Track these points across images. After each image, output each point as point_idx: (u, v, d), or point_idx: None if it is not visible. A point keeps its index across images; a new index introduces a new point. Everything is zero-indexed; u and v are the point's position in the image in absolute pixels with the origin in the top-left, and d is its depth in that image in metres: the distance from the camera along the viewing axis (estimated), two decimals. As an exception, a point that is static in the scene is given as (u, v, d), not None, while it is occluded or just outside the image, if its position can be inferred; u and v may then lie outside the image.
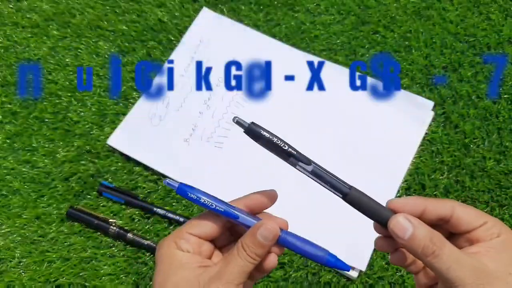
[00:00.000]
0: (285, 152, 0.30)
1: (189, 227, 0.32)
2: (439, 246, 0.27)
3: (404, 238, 0.28)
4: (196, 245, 0.32)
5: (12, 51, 0.63)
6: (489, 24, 0.62)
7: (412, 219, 0.28)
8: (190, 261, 0.31)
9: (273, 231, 0.31)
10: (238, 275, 0.30)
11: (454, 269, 0.27)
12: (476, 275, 0.27)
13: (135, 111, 0.59)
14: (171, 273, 0.30)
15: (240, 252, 0.30)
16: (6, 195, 0.55)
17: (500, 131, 0.56)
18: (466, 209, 0.30)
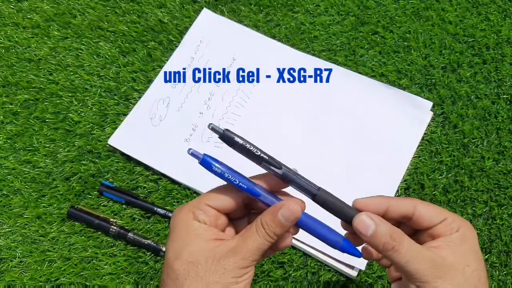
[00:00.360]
0: (257, 157, 0.32)
1: (207, 198, 0.32)
2: (398, 242, 0.29)
3: (366, 235, 0.30)
4: (213, 217, 0.32)
5: (13, 52, 0.63)
6: (488, 24, 0.62)
7: (374, 217, 0.30)
8: (206, 232, 0.31)
9: (295, 213, 0.31)
10: (254, 252, 0.30)
11: (412, 262, 0.29)
12: (434, 267, 0.29)
13: (136, 111, 0.59)
14: (188, 242, 0.31)
15: (259, 229, 0.31)
16: (7, 195, 0.55)
17: (499, 131, 0.56)
18: (427, 207, 0.31)
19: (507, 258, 0.50)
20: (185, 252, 0.30)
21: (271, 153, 0.34)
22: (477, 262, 0.30)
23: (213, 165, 0.32)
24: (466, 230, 0.31)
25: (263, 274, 0.51)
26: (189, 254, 0.30)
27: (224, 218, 0.33)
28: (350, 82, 0.59)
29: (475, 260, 0.30)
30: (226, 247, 0.30)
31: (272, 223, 0.31)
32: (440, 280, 0.29)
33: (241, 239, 0.31)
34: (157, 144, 0.57)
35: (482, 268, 0.31)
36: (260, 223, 0.31)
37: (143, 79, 0.61)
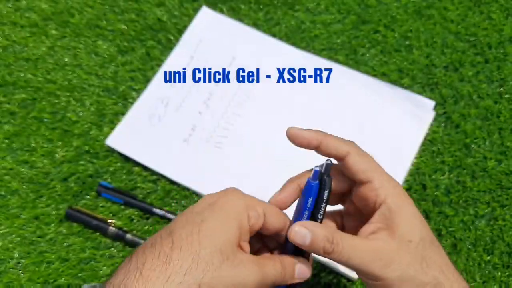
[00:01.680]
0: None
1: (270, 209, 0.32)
2: (336, 243, 0.29)
3: (305, 245, 0.30)
4: (256, 225, 0.31)
5: (11, 51, 0.63)
6: (490, 23, 0.61)
7: (308, 224, 0.30)
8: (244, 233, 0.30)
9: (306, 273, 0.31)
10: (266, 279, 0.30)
11: (354, 258, 0.28)
12: (378, 259, 0.28)
13: (134, 111, 0.58)
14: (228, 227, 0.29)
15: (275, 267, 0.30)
16: (5, 196, 0.55)
17: (501, 131, 0.56)
18: (359, 159, 0.31)
19: (510, 259, 0.50)
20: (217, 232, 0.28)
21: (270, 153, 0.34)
22: (418, 231, 0.29)
23: None
24: (397, 199, 0.30)
25: (263, 276, 0.50)
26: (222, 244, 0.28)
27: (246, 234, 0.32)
28: (351, 81, 0.58)
29: (415, 230, 0.29)
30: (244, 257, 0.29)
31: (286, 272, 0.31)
32: (388, 269, 0.28)
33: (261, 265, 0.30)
34: (155, 144, 0.56)
35: (426, 234, 0.29)
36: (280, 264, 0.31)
37: (142, 79, 0.60)
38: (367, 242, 0.29)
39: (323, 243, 0.29)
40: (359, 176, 0.30)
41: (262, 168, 0.54)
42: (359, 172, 0.30)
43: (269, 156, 0.55)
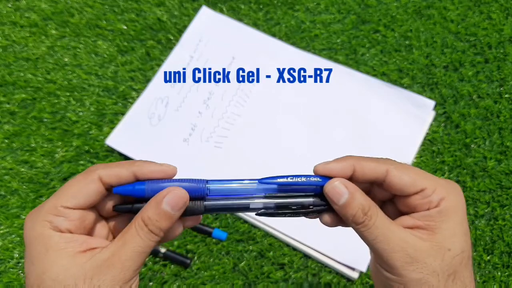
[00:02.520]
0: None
1: (64, 198, 0.26)
2: (369, 216, 0.26)
3: (338, 204, 0.27)
4: (78, 220, 0.26)
5: (11, 51, 0.62)
6: (490, 23, 0.61)
7: (350, 185, 0.27)
8: (71, 244, 0.25)
9: (182, 197, 0.26)
10: (137, 258, 0.25)
11: (381, 240, 0.26)
12: (405, 253, 0.25)
13: (134, 110, 0.58)
14: (49, 263, 0.24)
15: (141, 229, 0.25)
16: (5, 196, 0.55)
17: (501, 131, 0.56)
18: (401, 172, 0.27)
19: (509, 259, 0.50)
20: (47, 280, 0.24)
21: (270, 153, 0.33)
22: (461, 243, 0.26)
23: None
24: (450, 204, 0.26)
25: (263, 276, 0.50)
26: (54, 281, 0.24)
27: (91, 214, 0.27)
28: (351, 81, 0.58)
29: (459, 240, 0.26)
30: (98, 260, 0.24)
31: (157, 216, 0.25)
32: (411, 267, 0.25)
33: (118, 245, 0.25)
34: (155, 144, 0.56)
35: (467, 248, 0.26)
36: (142, 220, 0.25)
37: (142, 78, 0.60)
38: (401, 231, 0.26)
39: (356, 210, 0.26)
40: (407, 191, 0.27)
41: (262, 168, 0.54)
42: (405, 187, 0.27)
43: (269, 156, 0.55)
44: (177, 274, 0.50)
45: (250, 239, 0.52)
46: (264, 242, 0.52)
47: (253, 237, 0.52)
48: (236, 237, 0.52)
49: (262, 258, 0.51)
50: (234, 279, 0.50)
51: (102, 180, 0.26)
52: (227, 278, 0.50)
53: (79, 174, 0.27)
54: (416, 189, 0.27)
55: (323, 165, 0.28)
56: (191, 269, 0.51)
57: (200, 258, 0.51)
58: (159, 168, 0.27)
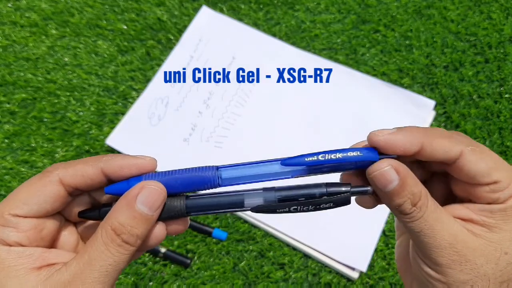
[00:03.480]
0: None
1: (13, 204, 0.21)
2: (418, 208, 0.22)
3: (384, 190, 0.22)
4: (32, 230, 0.21)
5: (11, 51, 0.62)
6: (490, 23, 0.61)
7: (401, 169, 0.22)
8: (21, 261, 0.20)
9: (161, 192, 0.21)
10: (107, 278, 0.20)
11: (425, 235, 0.22)
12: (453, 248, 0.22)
13: (134, 110, 0.58)
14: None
15: (110, 240, 0.20)
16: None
17: (501, 131, 0.55)
18: (477, 159, 0.22)
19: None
20: None
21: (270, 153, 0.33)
22: None
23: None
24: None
25: (263, 276, 0.50)
26: None
27: (52, 222, 0.22)
28: (351, 81, 0.58)
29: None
30: (57, 283, 0.19)
31: (131, 221, 0.20)
32: (459, 266, 0.21)
33: (81, 263, 0.20)
34: (155, 143, 0.56)
35: None
36: (111, 228, 0.20)
37: (142, 78, 0.60)
38: (452, 224, 0.22)
39: (405, 199, 0.22)
40: (478, 180, 0.22)
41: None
42: (478, 176, 0.22)
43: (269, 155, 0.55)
44: (177, 274, 0.50)
45: (250, 239, 0.52)
46: (264, 242, 0.52)
47: (253, 237, 0.52)
48: (236, 237, 0.52)
49: (262, 258, 0.51)
50: (234, 279, 0.50)
51: (63, 182, 0.22)
52: (227, 278, 0.50)
53: (34, 176, 0.22)
54: (489, 180, 0.22)
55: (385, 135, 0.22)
56: (191, 269, 0.51)
57: (200, 258, 0.51)
58: (132, 162, 0.23)
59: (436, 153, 0.22)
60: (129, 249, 0.20)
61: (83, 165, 0.22)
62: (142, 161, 0.23)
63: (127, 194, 0.21)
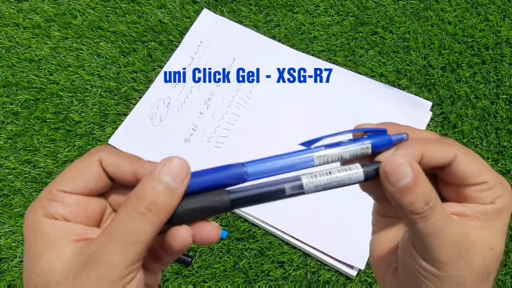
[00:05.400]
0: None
1: (61, 181, 0.21)
2: (431, 208, 0.22)
3: (395, 186, 0.22)
4: (77, 206, 0.21)
5: (14, 52, 0.63)
6: (487, 25, 0.62)
7: (415, 166, 0.22)
8: (61, 234, 0.20)
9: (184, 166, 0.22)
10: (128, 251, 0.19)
11: (436, 236, 0.22)
12: (454, 247, 0.22)
13: (136, 111, 0.59)
14: (35, 256, 0.20)
15: (133, 210, 0.20)
16: (8, 195, 0.55)
17: (498, 131, 0.56)
18: (469, 160, 0.23)
19: (506, 257, 0.50)
20: (33, 273, 0.20)
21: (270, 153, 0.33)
22: (502, 244, 0.24)
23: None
24: (505, 203, 0.23)
25: (263, 274, 0.51)
26: (37, 276, 0.20)
27: (98, 202, 0.22)
28: (349, 82, 0.59)
29: (502, 241, 0.24)
30: (84, 254, 0.20)
31: (155, 191, 0.20)
32: (459, 263, 0.22)
33: (104, 236, 0.20)
34: (157, 143, 0.57)
35: (502, 249, 0.24)
36: (134, 198, 0.20)
37: (144, 79, 0.61)
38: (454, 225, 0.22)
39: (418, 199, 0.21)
40: (470, 180, 0.23)
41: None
42: (470, 177, 0.23)
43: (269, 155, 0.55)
44: (178, 272, 0.51)
45: (250, 238, 0.53)
46: (264, 240, 0.52)
47: (253, 235, 0.53)
48: (236, 235, 0.53)
49: (262, 256, 0.52)
50: (234, 277, 0.51)
51: (102, 165, 0.22)
52: (228, 276, 0.51)
53: (84, 155, 0.23)
54: (480, 180, 0.23)
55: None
56: (192, 268, 0.51)
57: (201, 257, 0.52)
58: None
59: (434, 159, 0.23)
60: (151, 219, 0.20)
61: (122, 159, 0.23)
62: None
63: (153, 168, 0.21)
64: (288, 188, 0.22)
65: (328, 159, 0.23)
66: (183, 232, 0.21)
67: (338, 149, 0.23)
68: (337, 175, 0.22)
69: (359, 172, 0.22)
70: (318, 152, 0.23)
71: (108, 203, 0.23)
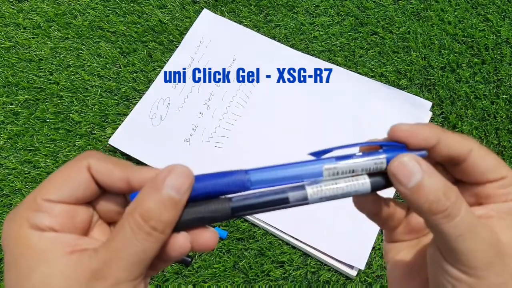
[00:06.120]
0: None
1: (46, 189, 0.20)
2: (454, 203, 0.20)
3: (407, 186, 0.20)
4: (64, 216, 0.20)
5: (14, 52, 0.63)
6: (487, 25, 0.62)
7: (423, 163, 0.21)
8: (53, 246, 0.20)
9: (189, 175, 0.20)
10: (135, 268, 0.19)
11: (466, 239, 0.20)
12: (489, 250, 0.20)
13: (136, 111, 0.59)
14: (25, 271, 0.19)
15: (138, 228, 0.19)
16: (8, 195, 0.55)
17: (498, 131, 0.56)
18: (485, 154, 0.22)
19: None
20: (25, 286, 0.19)
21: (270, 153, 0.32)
22: None
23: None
24: None
25: (263, 274, 0.51)
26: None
27: (86, 211, 0.21)
28: (349, 82, 0.59)
29: None
30: (87, 269, 0.19)
31: (160, 206, 0.19)
32: (497, 267, 0.20)
33: (109, 252, 0.19)
34: (157, 143, 0.57)
35: None
36: (139, 215, 0.19)
37: (144, 79, 0.61)
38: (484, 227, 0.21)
39: (435, 194, 0.20)
40: (488, 176, 0.22)
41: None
42: (488, 171, 0.22)
43: (269, 156, 0.55)
44: (178, 272, 0.51)
45: (250, 238, 0.53)
46: (264, 240, 0.52)
47: (253, 235, 0.53)
48: (236, 235, 0.53)
49: (262, 256, 0.52)
50: (234, 277, 0.51)
51: (91, 171, 0.21)
52: (228, 276, 0.51)
53: (69, 161, 0.21)
54: (499, 175, 0.22)
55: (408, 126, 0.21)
56: (192, 268, 0.51)
57: (201, 257, 0.52)
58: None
59: (451, 147, 0.22)
60: (158, 237, 0.19)
61: (113, 166, 0.21)
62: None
63: (155, 178, 0.20)
64: (292, 198, 0.21)
65: (338, 171, 0.21)
66: (181, 240, 0.20)
67: (349, 161, 0.21)
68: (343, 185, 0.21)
69: (366, 183, 0.21)
70: (328, 165, 0.21)
71: (95, 210, 0.22)
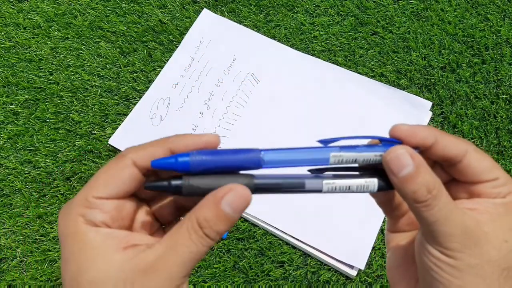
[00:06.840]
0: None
1: (96, 187, 0.23)
2: (434, 196, 0.23)
3: (398, 175, 0.23)
4: (114, 211, 0.23)
5: (14, 52, 0.63)
6: (487, 25, 0.62)
7: (416, 156, 0.23)
8: (109, 242, 0.22)
9: (246, 198, 0.22)
10: (186, 265, 0.22)
11: (441, 224, 0.23)
12: (465, 234, 0.23)
13: (136, 111, 0.59)
14: (84, 264, 0.21)
15: (194, 231, 0.22)
16: (8, 195, 0.55)
17: (498, 131, 0.56)
18: (480, 157, 0.24)
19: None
20: (83, 280, 0.21)
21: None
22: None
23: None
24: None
25: (263, 274, 0.51)
26: (90, 283, 0.21)
27: (129, 204, 0.24)
28: (349, 82, 0.59)
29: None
30: (142, 262, 0.21)
31: (215, 218, 0.22)
32: (469, 251, 0.23)
33: (165, 248, 0.22)
34: (157, 144, 0.57)
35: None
36: (197, 221, 0.22)
37: (144, 79, 0.61)
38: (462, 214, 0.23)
39: (420, 186, 0.22)
40: (482, 177, 0.24)
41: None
42: (482, 173, 0.24)
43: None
44: (178, 272, 0.51)
45: (251, 238, 0.53)
46: (264, 240, 0.52)
47: (253, 235, 0.53)
48: (236, 235, 0.53)
49: (262, 256, 0.52)
50: (234, 277, 0.51)
51: (136, 164, 0.23)
52: (228, 276, 0.51)
53: (110, 160, 0.23)
54: (492, 176, 0.24)
55: (408, 126, 0.24)
56: (192, 267, 0.51)
57: (201, 256, 0.52)
58: (197, 140, 0.25)
59: (447, 148, 0.24)
60: (208, 243, 0.22)
61: (152, 148, 0.24)
62: (207, 138, 0.25)
63: (216, 193, 0.22)
64: (308, 184, 0.23)
65: (343, 159, 0.24)
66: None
67: (353, 152, 0.24)
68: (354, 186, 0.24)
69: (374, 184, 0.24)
70: (334, 153, 0.24)
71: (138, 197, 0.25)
